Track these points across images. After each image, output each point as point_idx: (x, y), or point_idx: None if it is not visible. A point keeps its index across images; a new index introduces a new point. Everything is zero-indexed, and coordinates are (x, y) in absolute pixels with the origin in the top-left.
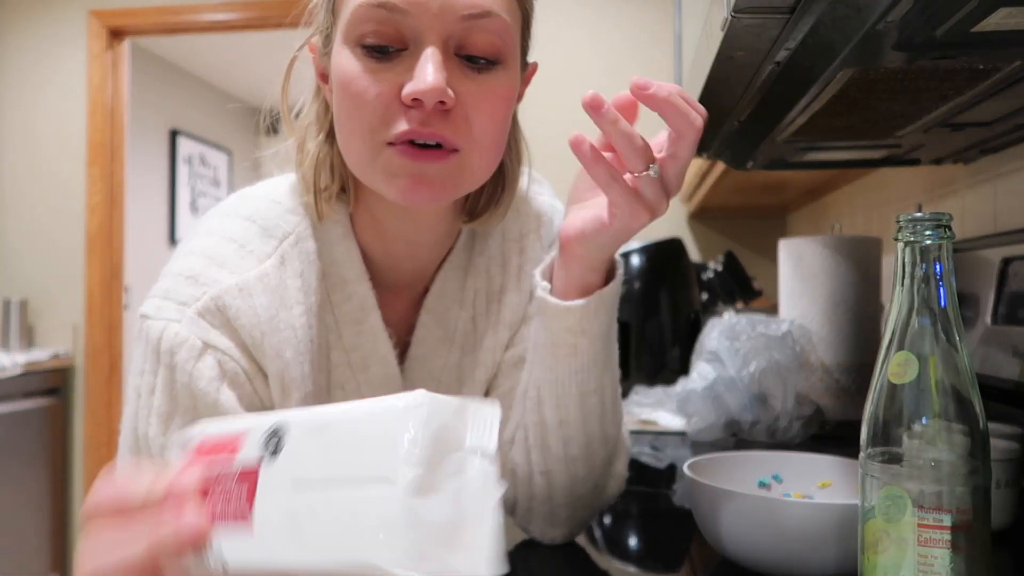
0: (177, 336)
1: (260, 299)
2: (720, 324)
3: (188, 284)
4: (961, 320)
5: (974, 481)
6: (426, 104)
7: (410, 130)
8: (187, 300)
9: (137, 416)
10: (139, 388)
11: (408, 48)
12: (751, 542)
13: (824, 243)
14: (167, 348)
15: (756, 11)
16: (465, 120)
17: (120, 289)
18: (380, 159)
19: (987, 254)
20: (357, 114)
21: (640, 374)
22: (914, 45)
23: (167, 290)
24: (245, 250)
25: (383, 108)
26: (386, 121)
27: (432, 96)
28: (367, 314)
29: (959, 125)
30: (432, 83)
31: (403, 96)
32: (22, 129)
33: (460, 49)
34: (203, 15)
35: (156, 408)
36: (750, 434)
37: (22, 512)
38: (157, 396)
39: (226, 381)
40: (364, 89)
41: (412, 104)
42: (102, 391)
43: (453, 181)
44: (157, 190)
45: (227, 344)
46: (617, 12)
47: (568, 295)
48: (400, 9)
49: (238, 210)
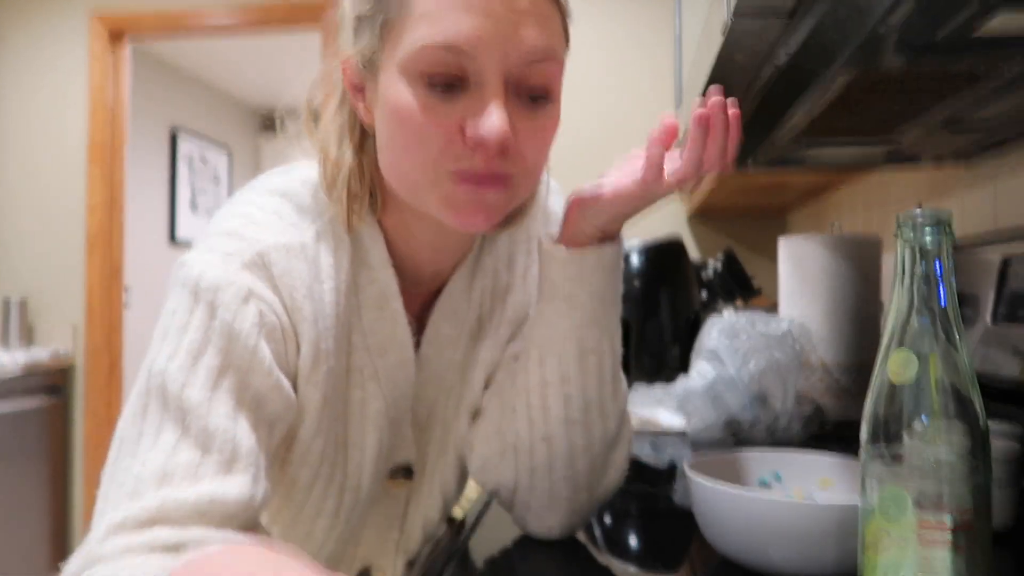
0: (222, 277)
1: (300, 264)
2: (720, 323)
3: (233, 239)
4: (961, 320)
5: (974, 481)
6: (492, 148)
7: (477, 171)
8: (233, 252)
9: (158, 353)
10: (167, 328)
11: (470, 86)
12: (751, 542)
13: (824, 243)
14: (209, 286)
15: (757, 14)
16: (521, 154)
17: (120, 289)
18: (440, 187)
19: (987, 254)
20: (416, 146)
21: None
22: (915, 48)
23: (211, 245)
24: (284, 222)
25: (445, 143)
26: (447, 154)
27: (497, 140)
28: (388, 300)
29: (959, 125)
30: (500, 131)
31: (469, 137)
32: (23, 129)
33: (518, 88)
34: (203, 18)
35: (186, 345)
36: (750, 433)
37: (22, 512)
38: (190, 333)
39: (264, 332)
40: (425, 124)
41: (476, 147)
42: (102, 391)
43: (506, 205)
44: (157, 190)
45: (271, 298)
46: (620, 12)
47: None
48: (467, 54)
49: (273, 189)
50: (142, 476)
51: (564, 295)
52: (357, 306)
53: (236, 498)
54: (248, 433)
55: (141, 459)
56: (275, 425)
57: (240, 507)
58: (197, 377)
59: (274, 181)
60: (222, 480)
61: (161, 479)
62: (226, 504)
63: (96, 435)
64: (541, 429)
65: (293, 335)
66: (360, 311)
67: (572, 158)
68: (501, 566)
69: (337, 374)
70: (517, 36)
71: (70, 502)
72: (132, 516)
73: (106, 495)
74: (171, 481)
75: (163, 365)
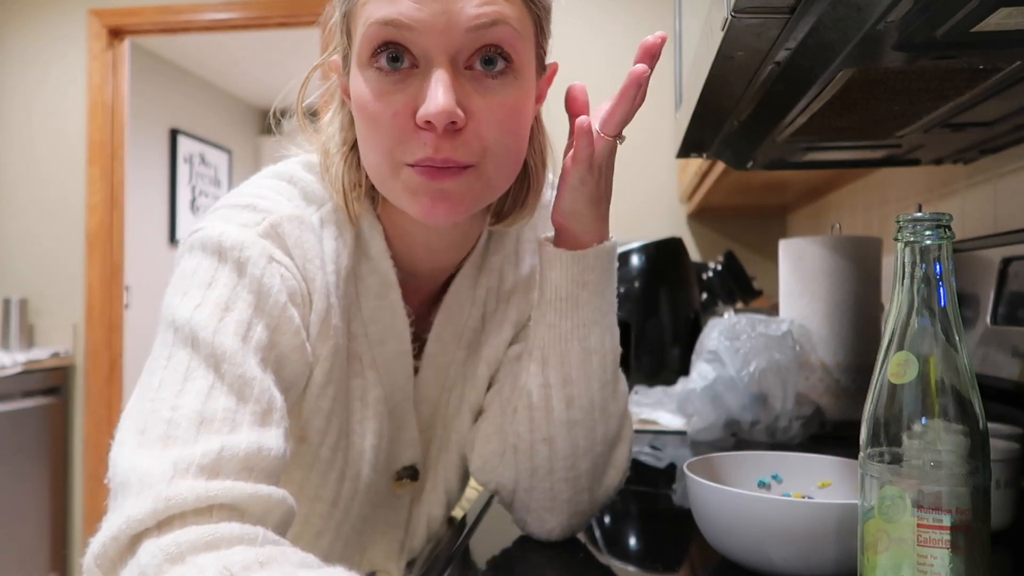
0: (245, 236)
1: (311, 236)
2: (720, 324)
3: (246, 212)
4: (961, 320)
5: (974, 481)
6: (437, 126)
7: (426, 158)
8: (247, 223)
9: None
10: (187, 287)
11: (419, 67)
12: (751, 542)
13: (824, 243)
14: (233, 244)
15: (756, 11)
16: (477, 135)
17: (120, 288)
18: (400, 178)
19: (987, 254)
20: (375, 135)
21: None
22: (914, 45)
23: (224, 216)
24: (291, 204)
25: (399, 130)
26: (403, 142)
27: (442, 119)
28: (388, 289)
29: (959, 125)
30: (442, 106)
31: (416, 119)
32: (22, 128)
33: (470, 61)
34: (203, 14)
35: (213, 298)
36: (750, 434)
37: (22, 511)
38: (217, 288)
39: (287, 295)
40: (380, 112)
41: (425, 127)
42: (102, 390)
43: (472, 195)
44: (157, 190)
45: (289, 263)
46: (620, 11)
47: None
48: (406, 25)
49: (279, 174)
50: (175, 420)
51: (565, 295)
52: (356, 295)
53: (276, 450)
54: (277, 389)
55: (169, 404)
56: (289, 390)
57: (279, 461)
58: (228, 326)
59: (280, 168)
60: (260, 431)
61: (199, 423)
62: (270, 457)
63: (96, 435)
64: (543, 430)
65: (309, 303)
66: (360, 300)
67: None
68: (501, 566)
69: (339, 355)
70: (457, 4)
71: (70, 502)
72: (196, 459)
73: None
74: (210, 425)
75: (189, 314)
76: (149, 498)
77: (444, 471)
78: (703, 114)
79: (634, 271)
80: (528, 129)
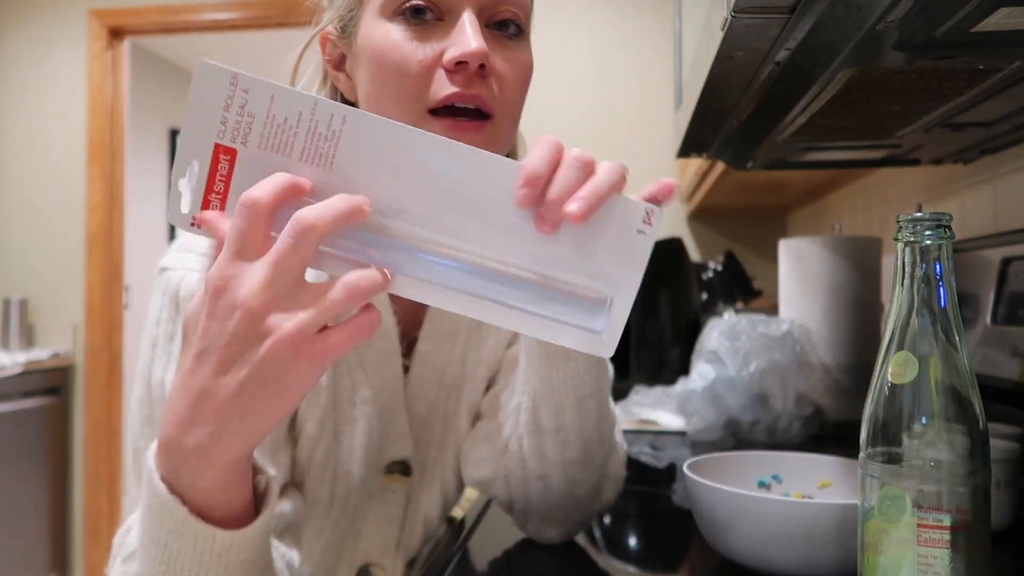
0: (198, 284)
1: None
2: (720, 324)
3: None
4: (961, 320)
5: (974, 481)
6: (471, 66)
7: (455, 93)
8: (207, 251)
9: (153, 364)
10: (155, 338)
11: (444, 19)
12: (751, 542)
13: (824, 243)
14: (186, 295)
15: (756, 11)
16: (498, 83)
17: (120, 288)
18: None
19: (987, 254)
20: (399, 82)
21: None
22: (914, 45)
23: (187, 243)
24: None
25: (425, 74)
26: (427, 87)
27: (477, 58)
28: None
29: (959, 125)
30: (476, 46)
31: (446, 60)
32: (22, 129)
33: (490, 19)
34: (203, 14)
35: (175, 354)
36: (750, 434)
37: (22, 512)
38: (177, 343)
39: None
40: (407, 56)
41: (455, 68)
42: (102, 391)
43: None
44: (157, 190)
45: None
46: (620, 11)
47: None
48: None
49: None
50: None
51: (557, 351)
52: None
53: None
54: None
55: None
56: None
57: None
58: None
59: None
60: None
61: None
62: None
63: (96, 435)
64: (536, 470)
65: None
66: None
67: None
68: (501, 566)
69: None
70: None
71: (70, 502)
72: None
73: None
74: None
75: (160, 376)
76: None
77: (441, 471)
78: (703, 114)
79: None
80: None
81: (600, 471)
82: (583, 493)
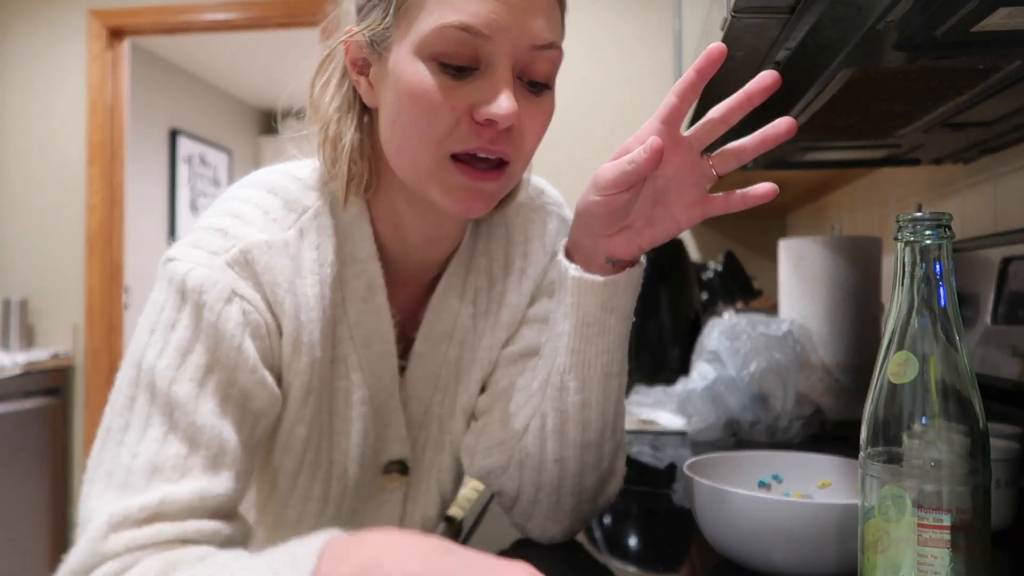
0: (207, 277)
1: (282, 260)
2: (720, 324)
3: (218, 236)
4: (961, 320)
5: (974, 481)
6: (500, 127)
7: (482, 147)
8: (217, 250)
9: (147, 347)
10: (155, 324)
11: (479, 70)
12: (751, 542)
13: (824, 243)
14: (195, 287)
15: (756, 11)
16: (521, 135)
17: (120, 289)
18: (440, 171)
19: (987, 254)
20: (427, 124)
21: (640, 374)
22: (914, 45)
23: (196, 240)
24: (269, 217)
25: (454, 122)
26: (454, 134)
27: (508, 121)
28: (374, 292)
29: (959, 125)
30: (509, 110)
31: (478, 116)
32: (22, 129)
33: (523, 73)
34: (203, 15)
35: (174, 342)
36: (750, 434)
37: (22, 512)
38: (178, 331)
39: (249, 331)
40: (439, 103)
41: (485, 124)
42: (102, 391)
43: (502, 191)
44: (157, 190)
45: (253, 296)
46: (620, 11)
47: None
48: (483, 35)
49: (260, 183)
50: (132, 467)
51: (595, 321)
52: (342, 299)
53: (223, 492)
54: (232, 431)
55: (130, 450)
56: (260, 419)
57: (226, 500)
58: (185, 373)
59: (262, 177)
60: (209, 477)
61: (152, 471)
62: (216, 498)
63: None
64: (556, 452)
65: (276, 329)
66: (345, 304)
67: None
68: None
69: (323, 364)
70: (528, 23)
71: (70, 502)
72: (133, 514)
73: (93, 482)
74: (161, 473)
75: (152, 361)
76: (86, 551)
77: (438, 471)
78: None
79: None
80: None
81: (610, 460)
82: (592, 483)
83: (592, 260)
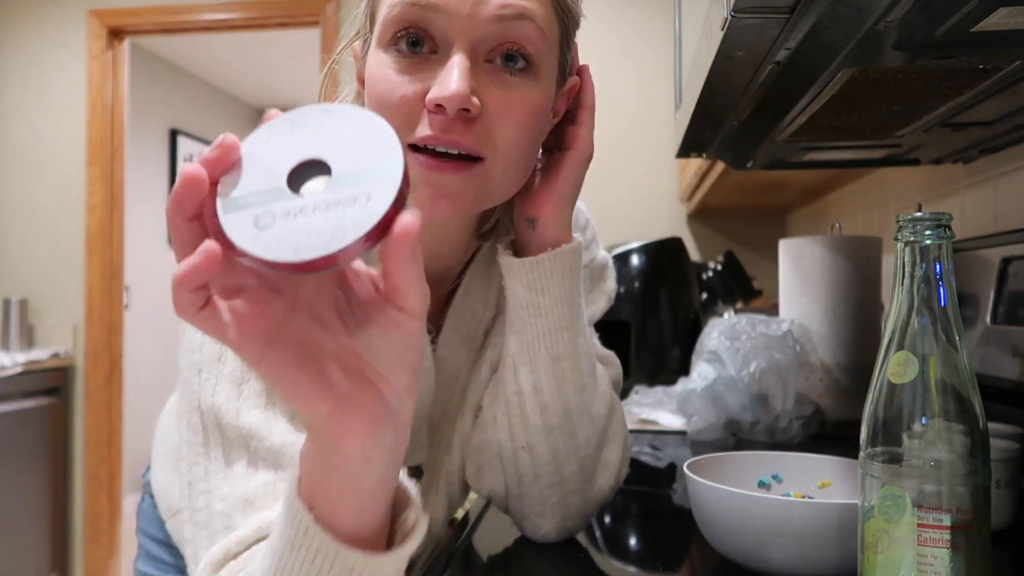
0: None
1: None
2: (720, 324)
3: None
4: (961, 320)
5: (974, 481)
6: (448, 111)
7: (430, 136)
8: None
9: (200, 389)
10: (199, 363)
11: (439, 52)
12: (751, 542)
13: (824, 243)
14: None
15: (756, 11)
16: (490, 129)
17: (120, 289)
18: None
19: (987, 254)
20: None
21: (640, 374)
22: (914, 45)
23: None
24: None
25: (407, 111)
26: (409, 124)
27: (454, 103)
28: None
29: (959, 125)
30: (455, 90)
31: (426, 101)
32: (22, 129)
33: (491, 54)
34: (203, 15)
35: (226, 375)
36: (750, 434)
37: (22, 512)
38: (227, 364)
39: None
40: (391, 90)
41: (435, 110)
42: (102, 391)
43: (475, 192)
44: (157, 190)
45: None
46: (620, 11)
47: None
48: (432, 6)
49: None
50: (225, 511)
51: (526, 303)
52: None
53: None
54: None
55: (218, 494)
56: None
57: None
58: (248, 402)
59: None
60: None
61: (245, 506)
62: None
63: (96, 435)
64: (521, 438)
65: None
66: None
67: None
68: (501, 566)
69: None
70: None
71: (70, 502)
72: (232, 549)
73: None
74: (253, 505)
75: (210, 400)
76: None
77: (447, 473)
78: (703, 114)
79: (634, 271)
80: (543, 136)
81: (590, 449)
82: (572, 472)
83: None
